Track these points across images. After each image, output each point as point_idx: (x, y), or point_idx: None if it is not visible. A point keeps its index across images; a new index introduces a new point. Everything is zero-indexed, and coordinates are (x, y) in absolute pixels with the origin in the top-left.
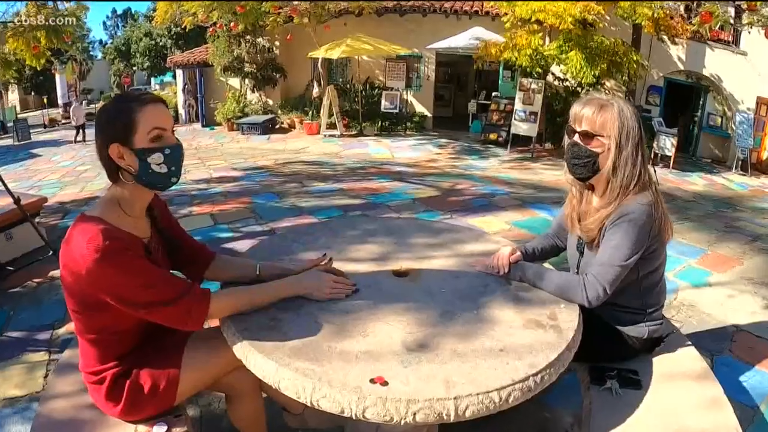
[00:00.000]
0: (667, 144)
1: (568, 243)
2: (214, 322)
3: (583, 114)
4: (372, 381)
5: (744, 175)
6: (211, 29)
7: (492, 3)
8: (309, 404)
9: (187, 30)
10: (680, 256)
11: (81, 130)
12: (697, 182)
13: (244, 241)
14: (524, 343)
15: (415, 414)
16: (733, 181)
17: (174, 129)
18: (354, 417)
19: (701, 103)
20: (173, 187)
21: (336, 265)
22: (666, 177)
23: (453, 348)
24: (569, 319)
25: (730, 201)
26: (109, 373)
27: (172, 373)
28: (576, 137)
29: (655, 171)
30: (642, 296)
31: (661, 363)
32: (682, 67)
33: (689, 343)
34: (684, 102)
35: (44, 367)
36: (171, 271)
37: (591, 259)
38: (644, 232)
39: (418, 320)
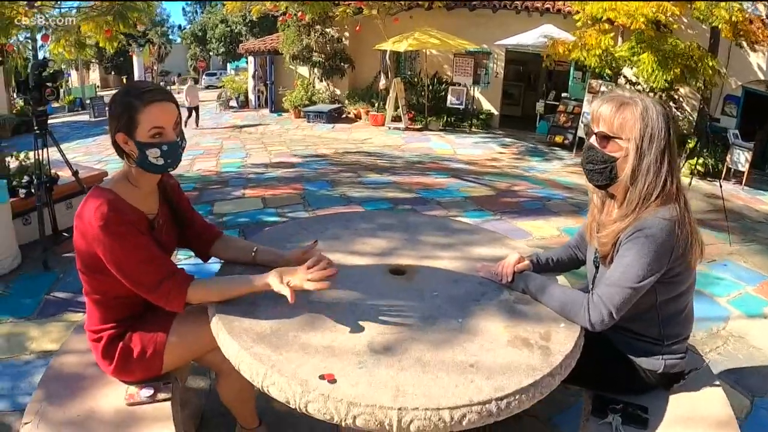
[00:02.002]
0: (741, 159)
1: (587, 255)
2: None
3: (600, 113)
4: (321, 377)
5: None
6: (281, 18)
7: (563, 0)
8: (260, 388)
9: (259, 18)
10: (738, 281)
11: (195, 113)
12: None
13: None
14: (500, 363)
15: (355, 418)
16: None
17: (177, 123)
18: (298, 409)
19: None
20: (231, 169)
21: (336, 256)
22: (737, 194)
23: (419, 356)
24: (564, 342)
25: None
26: (106, 333)
27: (159, 341)
28: (593, 139)
29: (721, 186)
30: (661, 325)
31: (678, 402)
32: (762, 77)
33: (717, 383)
34: (763, 114)
35: None
36: (178, 248)
37: (603, 277)
38: (663, 251)
39: (396, 322)
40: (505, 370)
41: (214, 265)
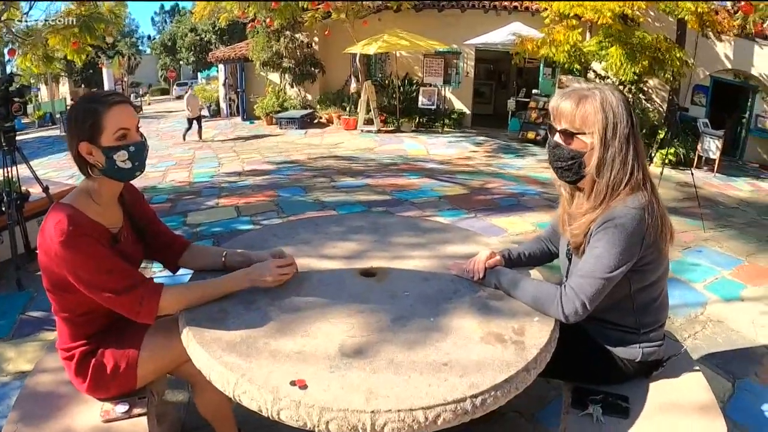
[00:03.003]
0: (712, 146)
1: (560, 248)
2: None
3: (561, 110)
4: (292, 383)
5: None
6: (250, 25)
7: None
8: (232, 397)
9: (228, 26)
10: (714, 266)
11: (197, 124)
12: (742, 188)
13: None
14: (474, 360)
15: (328, 423)
16: None
17: (139, 126)
18: (270, 417)
19: (749, 104)
20: (203, 179)
21: (307, 261)
22: (709, 181)
23: (391, 357)
24: (538, 336)
25: None
26: (77, 350)
27: (132, 355)
28: (557, 137)
29: (693, 174)
30: (636, 314)
31: (658, 390)
32: (729, 66)
33: (697, 368)
34: (731, 102)
35: None
36: (146, 261)
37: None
38: (634, 240)
39: (367, 324)
40: (479, 367)
41: (186, 275)
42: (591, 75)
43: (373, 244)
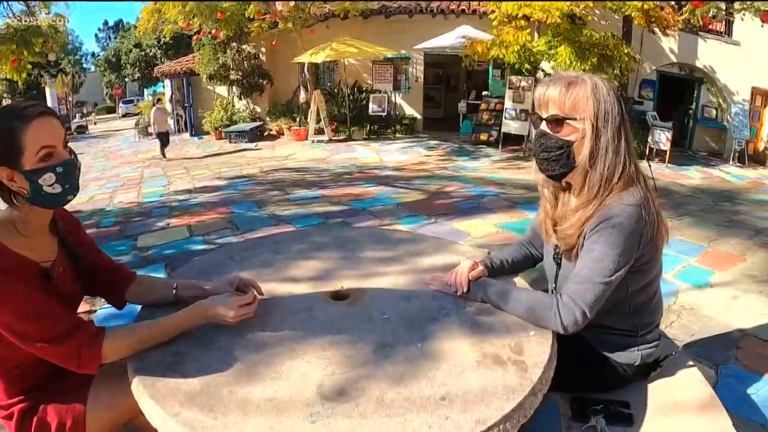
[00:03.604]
0: (662, 138)
1: (545, 252)
2: None
3: (548, 96)
4: None
5: (741, 167)
6: (195, 37)
7: (479, 1)
8: None
9: (174, 40)
10: (679, 254)
11: (163, 141)
12: (694, 176)
13: None
14: (474, 389)
15: None
16: (730, 174)
17: (67, 141)
18: None
19: (695, 95)
20: (153, 199)
21: (271, 285)
22: (662, 172)
23: (380, 396)
24: (538, 352)
25: (729, 194)
26: (16, 408)
27: (78, 410)
28: (543, 125)
29: (650, 166)
30: (633, 316)
31: (657, 391)
32: (674, 60)
33: (691, 363)
34: (678, 95)
35: None
36: (88, 297)
37: (569, 272)
38: (632, 240)
39: (346, 357)
40: (482, 396)
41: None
42: (540, 75)
43: (341, 261)
